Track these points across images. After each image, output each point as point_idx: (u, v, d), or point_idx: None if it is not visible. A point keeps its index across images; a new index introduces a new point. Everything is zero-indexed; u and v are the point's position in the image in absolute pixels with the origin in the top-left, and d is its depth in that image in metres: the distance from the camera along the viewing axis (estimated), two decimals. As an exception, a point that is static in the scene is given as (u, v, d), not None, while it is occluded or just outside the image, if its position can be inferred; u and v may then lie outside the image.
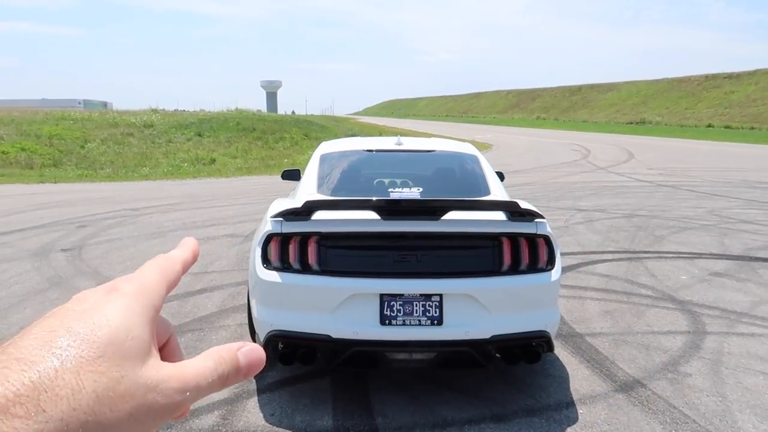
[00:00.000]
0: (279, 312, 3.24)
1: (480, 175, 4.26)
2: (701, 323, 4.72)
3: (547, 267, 3.31)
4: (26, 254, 6.83)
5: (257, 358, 0.40)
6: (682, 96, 72.04)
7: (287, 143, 25.34)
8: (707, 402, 3.44)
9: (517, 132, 47.22)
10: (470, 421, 3.21)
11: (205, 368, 0.37)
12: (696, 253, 6.98)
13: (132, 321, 0.35)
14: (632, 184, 13.91)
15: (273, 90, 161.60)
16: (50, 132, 22.87)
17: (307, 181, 4.15)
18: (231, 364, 0.38)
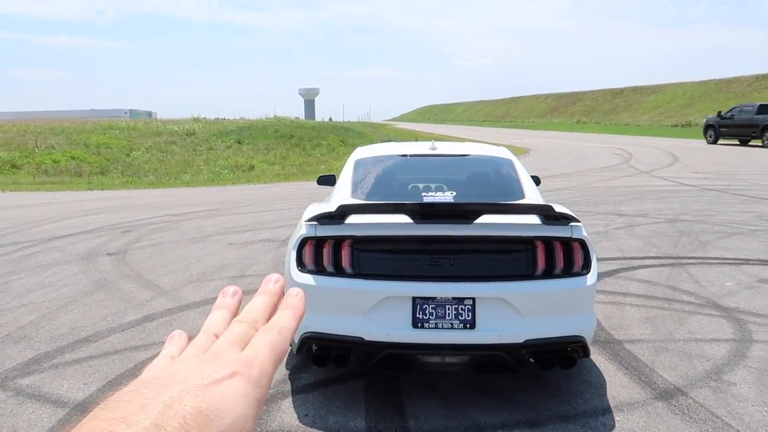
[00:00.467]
0: (313, 314, 3.28)
1: (514, 179, 4.23)
2: (747, 331, 4.56)
3: (583, 271, 3.26)
4: (74, 258, 7.11)
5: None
6: (730, 97, 69.66)
7: (324, 150, 25.62)
8: (752, 412, 3.32)
9: (556, 136, 46.51)
10: (503, 426, 3.19)
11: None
12: (743, 259, 6.74)
13: (248, 412, 0.36)
14: (676, 188, 13.52)
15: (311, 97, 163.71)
16: (98, 141, 23.74)
17: (341, 185, 4.20)
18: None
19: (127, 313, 5.07)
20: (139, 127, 29.67)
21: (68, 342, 4.43)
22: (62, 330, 4.67)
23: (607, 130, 57.64)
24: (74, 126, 28.13)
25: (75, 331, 4.63)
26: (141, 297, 5.52)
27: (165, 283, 5.98)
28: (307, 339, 3.26)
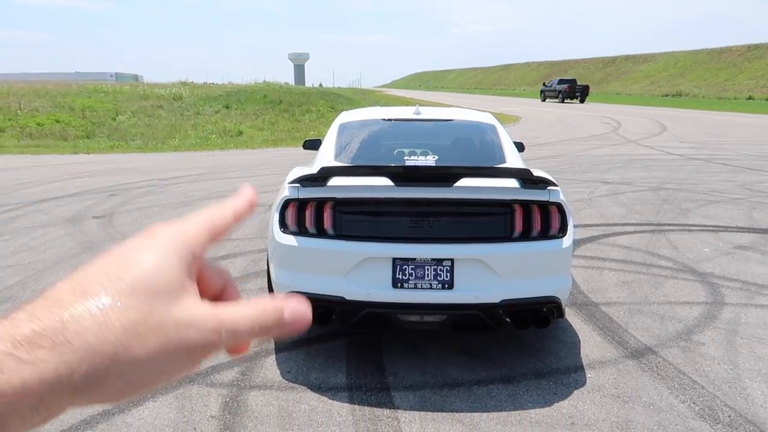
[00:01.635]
0: (296, 274, 3.35)
1: (497, 144, 4.27)
2: (720, 294, 4.70)
3: (559, 234, 3.34)
4: (60, 221, 7.11)
5: (303, 317, 0.39)
6: (721, 67, 69.54)
7: (314, 116, 25.41)
8: (718, 369, 3.46)
9: (546, 104, 46.35)
10: (479, 382, 3.31)
11: (245, 314, 0.37)
12: (722, 227, 6.88)
13: (164, 262, 0.36)
14: (662, 158, 13.63)
15: (300, 62, 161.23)
16: (83, 104, 23.37)
17: (325, 149, 4.23)
18: (274, 317, 0.38)
19: (113, 274, 5.12)
20: (126, 90, 29.21)
21: (55, 302, 4.48)
22: (49, 290, 4.71)
23: (599, 99, 57.49)
24: (59, 89, 27.64)
25: (61, 292, 4.68)
26: (127, 259, 5.56)
27: (151, 245, 6.01)
28: (289, 298, 3.33)
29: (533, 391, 3.23)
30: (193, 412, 3.00)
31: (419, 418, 2.97)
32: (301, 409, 3.04)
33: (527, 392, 3.22)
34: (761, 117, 31.52)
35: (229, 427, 2.88)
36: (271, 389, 3.24)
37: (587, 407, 3.08)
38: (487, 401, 3.13)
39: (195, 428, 2.87)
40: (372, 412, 3.01)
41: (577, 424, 2.93)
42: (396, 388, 3.25)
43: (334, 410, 3.03)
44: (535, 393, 3.22)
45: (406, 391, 3.23)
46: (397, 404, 3.09)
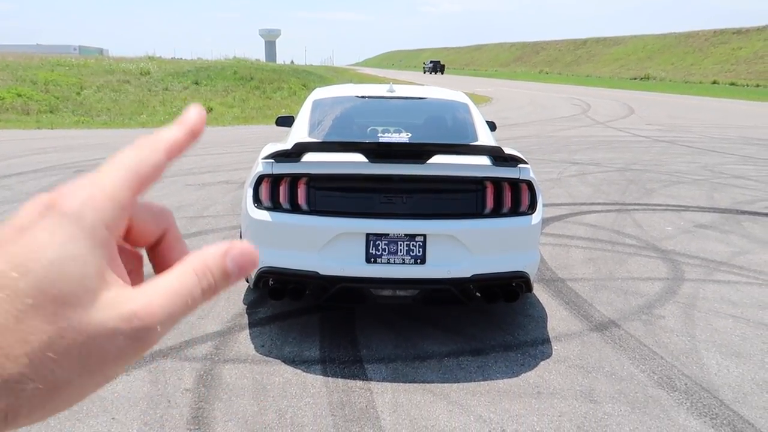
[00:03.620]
0: (269, 250, 3.37)
1: (469, 122, 4.33)
2: (680, 271, 4.88)
3: (529, 211, 3.43)
4: (25, 197, 6.94)
5: (249, 261, 0.32)
6: (688, 51, 70.85)
7: (285, 93, 25.10)
8: (676, 341, 3.63)
9: (518, 86, 46.67)
10: (449, 354, 3.40)
11: (181, 287, 0.30)
12: (684, 206, 7.11)
13: (68, 252, 0.28)
14: (629, 139, 13.92)
15: (272, 39, 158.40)
16: (46, 78, 22.61)
17: (299, 125, 4.22)
18: (220, 273, 0.32)
19: (82, 250, 5.05)
20: (90, 64, 28.31)
21: (22, 278, 4.41)
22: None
23: (569, 81, 58.09)
24: (19, 61, 26.62)
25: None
26: (96, 235, 5.48)
27: (121, 222, 5.93)
28: (263, 273, 3.35)
29: (501, 363, 3.34)
30: (167, 386, 3.02)
31: (391, 389, 3.05)
32: (275, 382, 3.08)
33: (496, 363, 3.33)
34: (725, 101, 32.34)
35: (203, 399, 2.91)
36: (245, 363, 3.28)
37: (553, 377, 3.20)
38: (457, 372, 3.22)
39: (169, 401, 2.89)
40: (345, 384, 3.08)
41: (543, 393, 3.05)
42: (369, 360, 3.32)
43: (308, 382, 3.09)
44: (503, 364, 3.32)
45: (378, 363, 3.30)
46: (370, 376, 3.16)
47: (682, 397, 3.01)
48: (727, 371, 3.28)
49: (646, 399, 2.99)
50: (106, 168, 0.32)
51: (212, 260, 0.31)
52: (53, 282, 0.27)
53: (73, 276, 0.27)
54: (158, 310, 0.29)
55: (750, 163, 10.41)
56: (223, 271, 0.32)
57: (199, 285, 0.31)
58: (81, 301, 0.27)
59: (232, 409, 2.84)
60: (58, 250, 0.27)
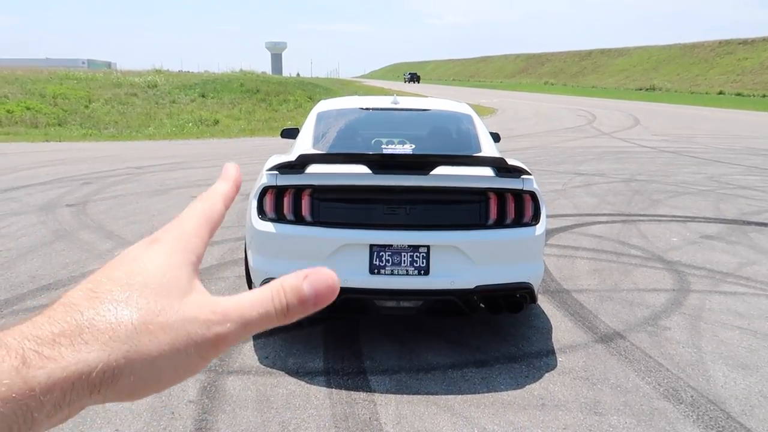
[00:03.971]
0: (273, 261, 3.38)
1: (473, 134, 4.34)
2: (686, 282, 4.86)
3: (532, 222, 3.43)
4: (32, 209, 7.00)
5: (325, 287, 0.37)
6: (694, 62, 70.86)
7: (291, 105, 25.25)
8: (682, 353, 3.60)
9: (523, 97, 46.75)
10: (453, 366, 3.39)
11: (255, 300, 0.37)
12: (690, 217, 7.08)
13: (168, 264, 0.37)
14: (635, 150, 13.90)
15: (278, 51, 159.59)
16: (54, 91, 22.85)
17: (303, 137, 4.25)
18: (293, 294, 0.37)
19: (88, 262, 5.08)
20: (98, 77, 28.62)
21: (28, 290, 4.43)
22: (22, 278, 4.66)
23: (574, 92, 58.14)
24: (29, 75, 26.95)
25: (35, 279, 4.64)
26: (102, 247, 5.52)
27: (127, 233, 5.97)
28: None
29: (506, 374, 3.32)
30: (171, 397, 3.02)
31: (395, 400, 3.04)
32: (279, 393, 3.08)
33: (500, 375, 3.31)
34: (731, 111, 32.28)
35: (207, 411, 2.91)
36: (249, 374, 3.28)
37: (557, 389, 3.18)
38: (461, 384, 3.21)
39: (173, 413, 2.89)
40: (349, 396, 3.07)
41: (547, 405, 3.03)
42: (372, 372, 3.32)
43: (312, 394, 3.08)
44: (508, 376, 3.31)
45: (382, 375, 3.29)
46: (374, 388, 3.15)
47: (688, 410, 2.99)
48: (733, 383, 3.25)
49: (652, 411, 2.97)
50: (186, 216, 0.41)
51: (289, 281, 0.37)
52: (155, 282, 0.36)
53: (170, 279, 0.37)
54: (232, 312, 0.36)
55: (756, 174, 10.37)
56: (298, 293, 0.37)
57: (272, 301, 0.37)
58: (173, 295, 0.36)
59: (236, 420, 2.84)
60: (160, 263, 0.37)
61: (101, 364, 0.33)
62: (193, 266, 0.39)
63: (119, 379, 0.34)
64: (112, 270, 0.37)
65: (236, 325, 0.36)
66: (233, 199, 0.44)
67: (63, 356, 0.32)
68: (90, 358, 0.33)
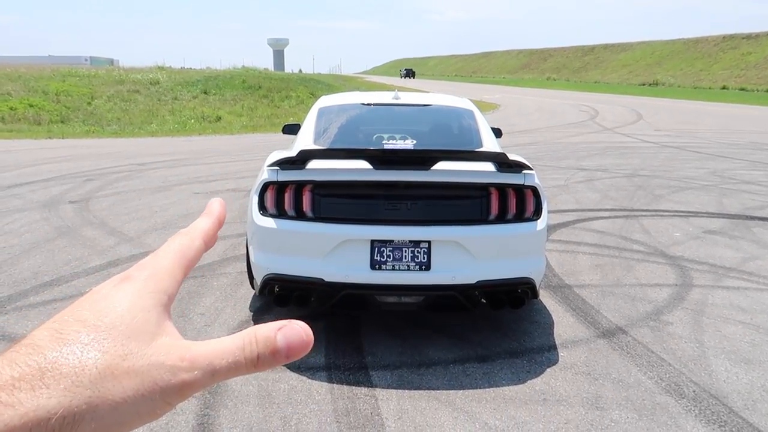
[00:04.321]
0: (275, 256, 3.39)
1: (474, 129, 4.33)
2: (689, 277, 4.85)
3: (534, 217, 3.42)
4: (35, 205, 7.01)
5: (299, 340, 0.36)
6: (697, 57, 70.55)
7: (293, 101, 25.24)
8: (684, 347, 3.59)
9: (526, 92, 46.63)
10: (455, 361, 3.39)
11: (225, 348, 0.36)
12: (693, 212, 7.06)
13: (138, 305, 0.36)
14: (637, 145, 13.86)
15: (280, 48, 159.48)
16: (57, 88, 22.88)
17: (304, 133, 4.24)
18: (265, 345, 0.36)
19: (91, 258, 5.09)
20: (101, 74, 28.62)
21: (31, 286, 4.45)
22: (25, 274, 4.68)
23: (577, 87, 57.97)
24: (31, 72, 26.96)
25: (38, 276, 4.65)
26: (105, 243, 5.53)
27: (129, 230, 5.99)
28: (269, 280, 3.37)
29: (507, 370, 3.32)
30: (173, 392, 3.03)
31: (396, 395, 3.04)
32: (281, 389, 3.09)
33: (502, 370, 3.31)
34: (734, 106, 32.15)
35: (209, 406, 2.92)
36: (251, 369, 3.28)
37: (559, 384, 3.18)
38: (462, 379, 3.21)
39: (175, 408, 2.89)
40: (350, 391, 3.08)
41: (549, 400, 3.03)
42: (374, 367, 3.32)
43: (313, 389, 3.09)
44: (509, 371, 3.31)
45: (383, 370, 3.29)
46: (375, 383, 3.16)
47: (690, 405, 2.98)
48: (736, 378, 3.25)
49: (654, 406, 2.97)
50: (161, 252, 0.40)
51: (263, 331, 0.36)
52: (123, 324, 0.35)
53: (139, 321, 0.35)
54: (201, 360, 0.35)
55: (760, 169, 10.33)
56: (271, 344, 0.36)
57: (243, 351, 0.35)
58: (141, 338, 0.35)
59: (238, 416, 2.85)
60: (129, 303, 0.36)
61: (61, 410, 0.31)
62: (164, 306, 0.38)
63: (80, 425, 0.32)
64: (80, 309, 0.36)
65: (203, 373, 0.35)
66: (215, 235, 0.43)
67: (21, 402, 0.31)
68: (50, 404, 0.31)
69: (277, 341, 0.35)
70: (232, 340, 0.36)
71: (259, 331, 0.36)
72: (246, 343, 0.35)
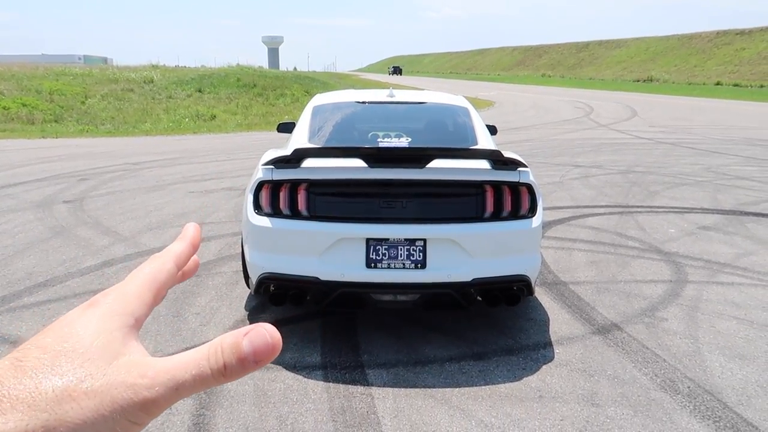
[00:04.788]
0: (270, 255, 3.38)
1: (469, 126, 4.33)
2: (684, 273, 4.86)
3: (529, 214, 3.42)
4: (29, 205, 6.98)
5: (264, 345, 0.35)
6: (691, 53, 70.73)
7: (288, 100, 25.18)
8: (679, 344, 3.61)
9: (521, 89, 46.67)
10: (451, 359, 3.39)
11: (189, 361, 0.35)
12: (687, 208, 7.08)
13: (102, 328, 0.36)
14: (632, 141, 13.89)
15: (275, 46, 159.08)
16: (51, 87, 22.75)
17: (299, 131, 4.23)
18: (232, 353, 0.35)
19: (85, 258, 5.07)
20: (95, 73, 28.46)
21: (25, 286, 4.43)
22: (19, 275, 4.66)
23: (572, 84, 58.06)
24: (24, 71, 26.80)
25: (32, 276, 4.63)
26: (99, 243, 5.51)
27: (124, 229, 5.96)
28: (264, 279, 3.36)
29: (503, 367, 3.33)
30: (168, 393, 3.02)
31: (392, 394, 3.04)
32: (276, 388, 3.08)
33: (497, 368, 3.32)
34: (728, 102, 32.26)
35: (204, 406, 2.91)
36: (247, 369, 3.27)
37: (555, 381, 3.18)
38: (458, 377, 3.21)
39: (170, 408, 2.89)
40: (346, 389, 3.08)
41: (545, 397, 3.04)
42: (370, 365, 3.32)
43: (309, 388, 3.09)
44: (505, 368, 3.31)
45: (379, 368, 3.29)
46: (371, 381, 3.16)
47: (686, 400, 2.99)
48: (730, 373, 3.26)
49: (649, 402, 2.98)
50: (132, 276, 0.40)
51: (228, 338, 0.35)
52: (85, 346, 0.35)
53: (100, 343, 0.35)
54: (163, 375, 0.35)
55: (754, 164, 10.37)
56: (237, 351, 0.35)
57: (207, 360, 0.35)
58: (102, 359, 0.35)
59: (233, 415, 2.84)
60: (93, 327, 0.36)
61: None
62: (130, 328, 0.37)
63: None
64: (43, 337, 0.36)
65: (166, 389, 0.34)
66: (187, 259, 0.43)
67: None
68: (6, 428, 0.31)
69: (244, 348, 0.35)
70: (196, 352, 0.35)
71: (225, 340, 0.35)
72: (211, 353, 0.35)
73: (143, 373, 0.34)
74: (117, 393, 0.34)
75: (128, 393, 0.34)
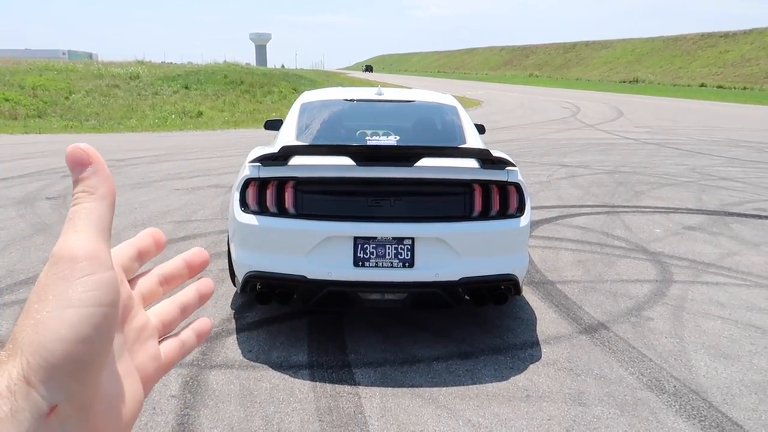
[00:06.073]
0: (256, 254, 3.34)
1: (458, 125, 4.32)
2: (669, 272, 4.89)
3: (517, 213, 3.42)
4: (11, 202, 6.86)
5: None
6: (676, 55, 71.48)
7: (276, 97, 25.05)
8: (665, 343, 3.63)
9: (508, 89, 46.84)
10: (438, 358, 3.38)
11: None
12: (672, 208, 7.14)
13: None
14: (618, 142, 13.99)
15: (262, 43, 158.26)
16: (34, 83, 22.41)
17: (286, 129, 4.20)
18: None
19: (68, 256, 4.99)
20: (79, 68, 28.11)
21: (6, 284, 4.35)
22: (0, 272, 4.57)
23: (559, 84, 58.39)
24: (7, 66, 26.39)
25: (13, 274, 4.54)
26: (82, 241, 5.41)
27: (108, 227, 5.87)
28: (250, 278, 3.32)
29: (491, 366, 3.32)
30: (152, 392, 2.98)
31: (380, 393, 3.02)
32: (263, 387, 3.05)
33: (485, 367, 3.31)
34: (713, 103, 32.62)
35: (189, 406, 2.87)
36: (232, 368, 3.24)
37: (542, 380, 3.19)
38: (446, 376, 3.20)
39: (154, 408, 2.85)
40: (333, 389, 3.05)
41: (532, 396, 3.04)
42: (357, 365, 3.30)
43: (296, 387, 3.06)
44: (493, 368, 3.31)
45: (366, 368, 3.27)
46: (358, 381, 3.14)
47: (671, 400, 3.01)
48: (715, 373, 3.28)
49: (635, 401, 2.99)
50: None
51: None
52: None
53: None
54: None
55: (737, 165, 10.48)
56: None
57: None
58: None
59: (218, 415, 2.81)
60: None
61: None
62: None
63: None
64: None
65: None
66: (148, 258, 0.44)
67: None
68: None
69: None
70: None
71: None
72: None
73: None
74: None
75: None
